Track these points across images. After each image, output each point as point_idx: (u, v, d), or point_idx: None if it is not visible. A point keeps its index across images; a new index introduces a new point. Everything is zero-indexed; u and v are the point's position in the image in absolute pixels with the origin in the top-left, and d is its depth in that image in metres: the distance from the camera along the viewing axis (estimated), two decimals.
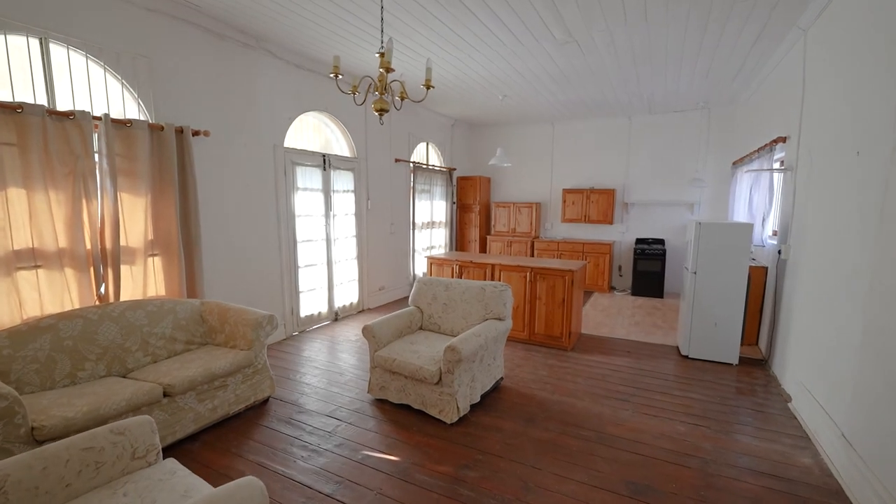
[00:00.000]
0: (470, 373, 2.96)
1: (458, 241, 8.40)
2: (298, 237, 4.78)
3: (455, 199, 8.20)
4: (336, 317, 5.38)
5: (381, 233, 6.18)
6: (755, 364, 4.04)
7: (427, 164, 7.16)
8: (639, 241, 7.24)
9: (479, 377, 3.09)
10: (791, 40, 3.81)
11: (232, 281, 4.07)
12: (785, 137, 4.02)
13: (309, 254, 4.96)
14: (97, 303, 2.95)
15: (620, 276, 7.61)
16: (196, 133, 3.58)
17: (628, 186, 7.47)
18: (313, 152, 4.91)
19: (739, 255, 3.92)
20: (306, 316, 4.96)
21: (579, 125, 7.71)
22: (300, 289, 4.85)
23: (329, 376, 3.69)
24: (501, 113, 7.16)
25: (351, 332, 4.92)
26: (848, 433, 2.37)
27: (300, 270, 4.83)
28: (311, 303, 5.05)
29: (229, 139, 3.97)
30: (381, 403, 3.17)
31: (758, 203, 4.64)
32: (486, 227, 8.47)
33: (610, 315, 5.88)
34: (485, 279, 4.78)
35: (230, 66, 3.94)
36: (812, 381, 2.93)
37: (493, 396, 3.31)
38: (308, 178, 4.87)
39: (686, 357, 4.22)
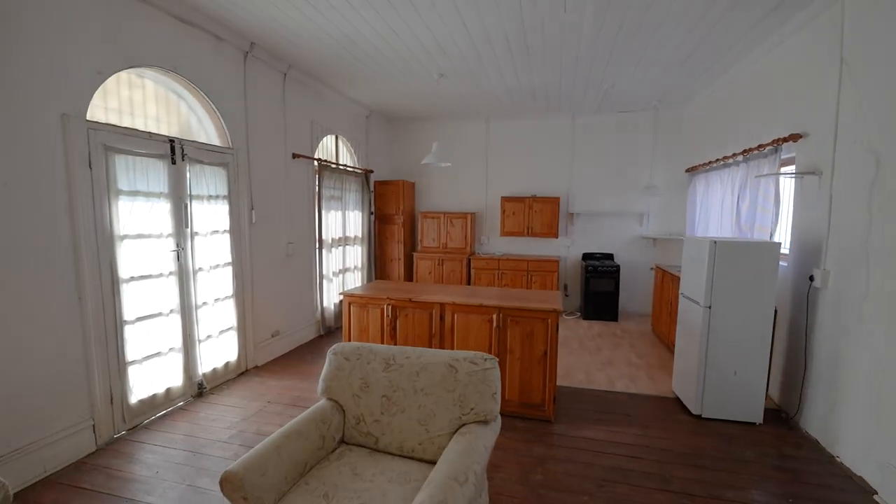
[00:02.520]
0: None
1: (378, 259, 6.82)
2: (124, 272, 2.88)
3: (373, 209, 6.62)
4: (200, 390, 3.49)
5: (274, 256, 4.40)
6: (779, 421, 3.17)
7: (337, 164, 5.51)
8: (586, 256, 6.39)
9: None
10: (814, 11, 3.03)
11: None
12: (798, 135, 3.25)
13: (147, 298, 3.05)
14: None
15: (567, 296, 6.68)
16: None
17: (573, 194, 6.60)
18: (150, 134, 3.03)
19: (765, 284, 3.02)
20: (142, 400, 3.04)
21: (517, 123, 6.65)
22: (129, 357, 2.93)
23: None
24: (430, 103, 5.80)
25: (224, 416, 3.12)
26: None
27: (128, 327, 2.92)
28: (153, 376, 3.12)
29: None
30: None
31: (748, 216, 3.89)
32: (410, 243, 7.01)
33: (571, 350, 4.81)
34: (431, 325, 3.33)
35: None
36: None
37: None
38: (141, 176, 2.99)
39: (699, 417, 3.22)
